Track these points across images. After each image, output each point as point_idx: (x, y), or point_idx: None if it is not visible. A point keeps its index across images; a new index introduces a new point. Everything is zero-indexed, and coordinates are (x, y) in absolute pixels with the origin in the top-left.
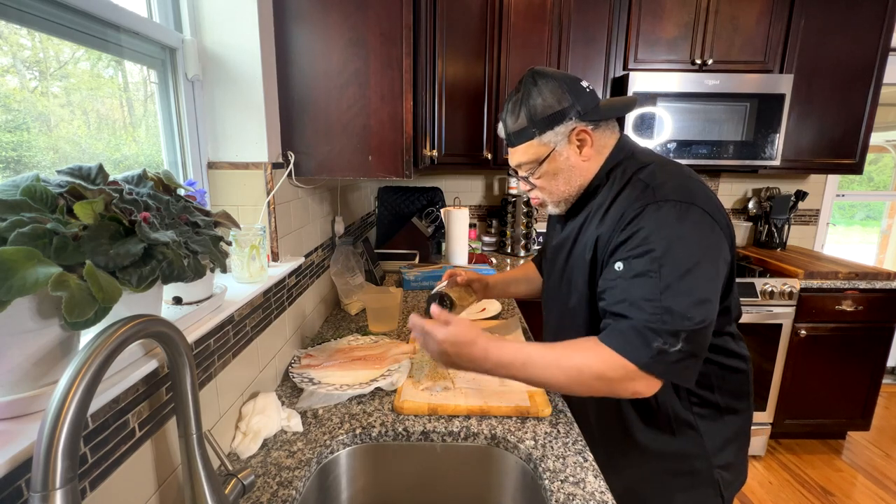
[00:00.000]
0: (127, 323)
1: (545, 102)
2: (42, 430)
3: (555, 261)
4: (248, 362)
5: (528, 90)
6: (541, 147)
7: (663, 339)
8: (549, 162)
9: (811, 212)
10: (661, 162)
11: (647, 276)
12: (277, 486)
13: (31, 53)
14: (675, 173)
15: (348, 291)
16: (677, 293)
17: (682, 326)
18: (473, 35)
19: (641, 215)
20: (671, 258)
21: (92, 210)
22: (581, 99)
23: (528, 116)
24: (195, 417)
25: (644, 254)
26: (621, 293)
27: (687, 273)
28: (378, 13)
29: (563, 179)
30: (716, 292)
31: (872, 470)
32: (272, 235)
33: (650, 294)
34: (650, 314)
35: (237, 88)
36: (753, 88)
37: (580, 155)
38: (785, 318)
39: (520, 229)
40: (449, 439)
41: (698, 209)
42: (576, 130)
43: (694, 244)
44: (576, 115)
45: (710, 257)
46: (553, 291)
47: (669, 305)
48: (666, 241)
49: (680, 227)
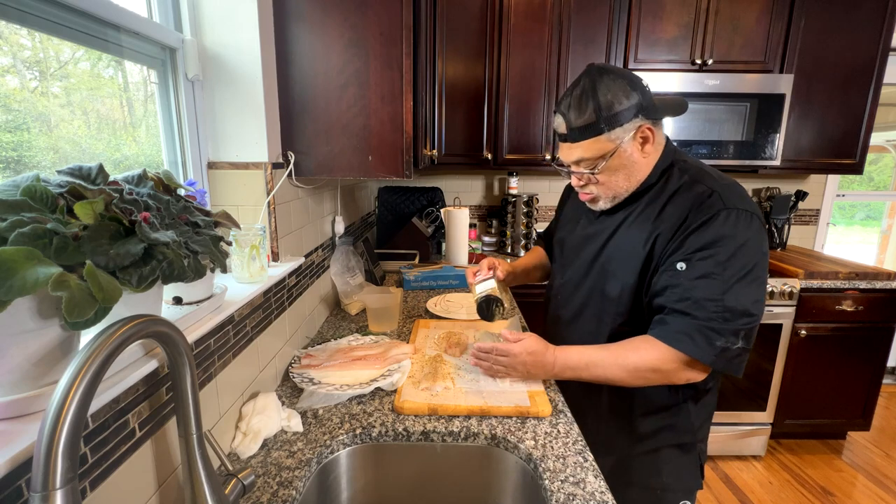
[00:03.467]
0: (127, 323)
1: (614, 98)
2: (42, 430)
3: (580, 251)
4: (249, 362)
5: (594, 84)
6: (608, 143)
7: (725, 338)
8: (615, 158)
9: (811, 212)
10: (708, 167)
11: (711, 277)
12: (277, 486)
13: (31, 53)
14: (729, 181)
15: (348, 291)
16: (738, 294)
17: (741, 325)
18: (473, 35)
19: (712, 220)
20: (735, 262)
21: (92, 210)
22: (645, 95)
23: (595, 111)
24: (195, 417)
25: (709, 257)
26: (684, 292)
27: (746, 276)
28: (378, 13)
29: (623, 175)
30: (765, 293)
31: (873, 470)
32: (272, 235)
33: (713, 294)
34: (713, 313)
35: (237, 88)
36: (753, 88)
37: (642, 151)
38: (785, 318)
39: (520, 229)
40: (449, 439)
41: (758, 219)
42: (641, 128)
43: (753, 251)
44: (641, 112)
45: (763, 263)
46: (576, 279)
47: (732, 305)
48: (732, 246)
49: (745, 234)
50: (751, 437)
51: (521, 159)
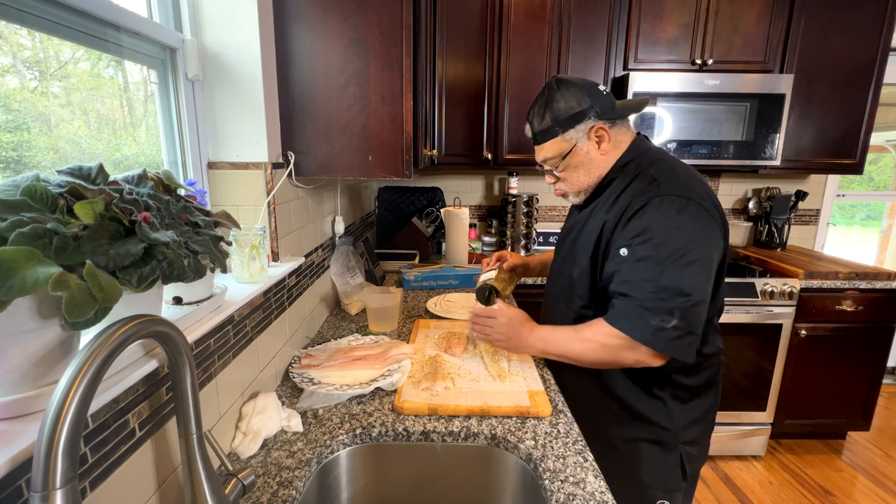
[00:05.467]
0: (127, 323)
1: (567, 104)
2: (42, 430)
3: (564, 241)
4: (249, 362)
5: (552, 95)
6: (563, 143)
7: (660, 316)
8: (572, 156)
9: (811, 212)
10: (670, 160)
11: (647, 259)
12: (277, 486)
13: (31, 53)
14: (680, 171)
15: (348, 291)
16: (672, 274)
17: (675, 304)
18: (473, 35)
19: (646, 207)
20: (669, 245)
21: (92, 210)
22: (598, 100)
23: (552, 117)
24: (195, 417)
25: (646, 241)
26: (624, 275)
27: (682, 257)
28: (378, 13)
29: (583, 171)
30: (708, 277)
31: (872, 470)
32: (272, 235)
33: (649, 275)
34: (649, 293)
35: (237, 88)
36: (753, 88)
37: (599, 150)
38: (785, 318)
39: (520, 229)
40: (449, 439)
41: (696, 204)
42: (594, 128)
43: (690, 234)
44: (594, 114)
45: (704, 246)
46: (559, 265)
47: (666, 284)
48: (665, 230)
49: (679, 218)
50: (751, 437)
51: (521, 159)
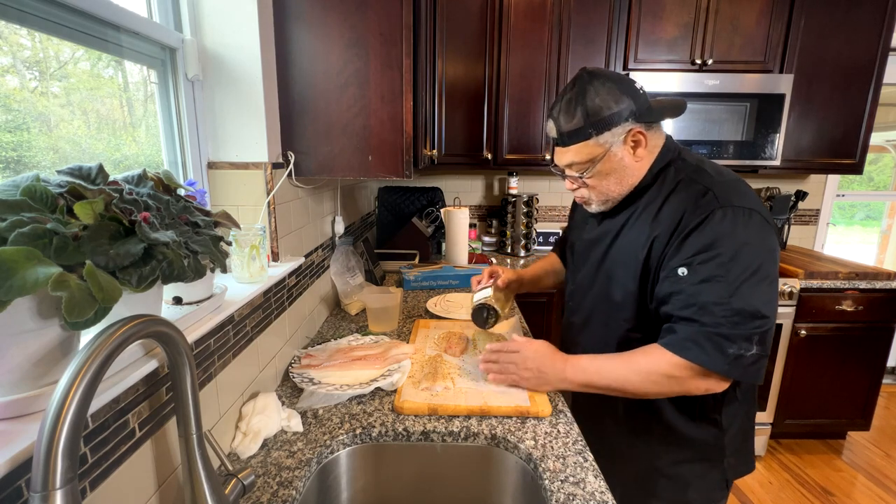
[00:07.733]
0: (127, 323)
1: (603, 102)
2: (42, 430)
3: (587, 255)
4: (248, 362)
5: (584, 89)
6: (596, 147)
7: (738, 344)
8: (604, 162)
9: (811, 212)
10: (710, 164)
11: (715, 280)
12: (277, 486)
13: (31, 53)
14: (728, 177)
15: (348, 291)
16: (746, 295)
17: (753, 329)
18: (473, 35)
19: (707, 221)
20: (738, 262)
21: (92, 210)
22: (637, 100)
23: (584, 116)
24: (195, 417)
25: (711, 259)
26: (688, 298)
27: (753, 275)
28: (378, 13)
29: (614, 179)
30: (777, 292)
31: (872, 470)
32: (272, 235)
33: (719, 298)
34: (721, 317)
35: (237, 88)
36: (753, 88)
37: (633, 155)
38: (785, 318)
39: (520, 229)
40: (449, 439)
41: (758, 214)
42: (632, 132)
43: (758, 248)
44: (632, 116)
45: (772, 260)
46: (585, 284)
47: (741, 307)
48: (732, 245)
49: (745, 232)
50: None
51: (521, 159)
